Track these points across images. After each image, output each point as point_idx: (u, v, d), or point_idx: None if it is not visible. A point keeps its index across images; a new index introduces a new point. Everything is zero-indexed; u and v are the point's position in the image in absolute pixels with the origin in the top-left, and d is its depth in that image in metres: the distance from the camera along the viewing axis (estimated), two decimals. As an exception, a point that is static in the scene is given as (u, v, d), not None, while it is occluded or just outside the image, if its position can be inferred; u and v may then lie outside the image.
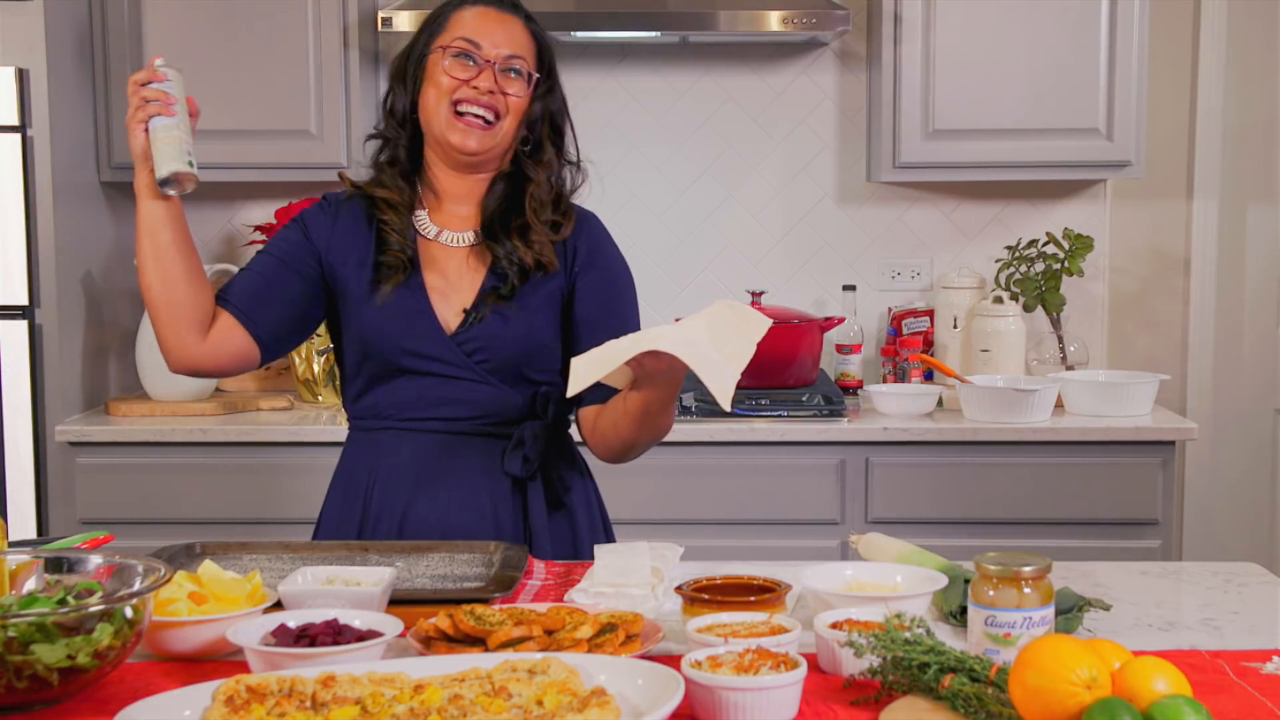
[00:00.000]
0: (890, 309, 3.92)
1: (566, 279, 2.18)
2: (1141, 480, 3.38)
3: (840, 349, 3.83)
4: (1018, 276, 3.74)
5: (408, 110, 2.18)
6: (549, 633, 1.55)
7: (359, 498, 2.17)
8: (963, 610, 1.70)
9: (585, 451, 2.24)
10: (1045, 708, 1.30)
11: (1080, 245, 3.70)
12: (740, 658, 1.41)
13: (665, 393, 1.97)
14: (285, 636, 1.51)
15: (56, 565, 1.61)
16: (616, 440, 2.10)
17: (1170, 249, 3.98)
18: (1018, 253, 3.76)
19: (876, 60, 3.72)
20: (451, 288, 2.15)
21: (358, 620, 1.56)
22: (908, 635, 1.46)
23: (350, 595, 1.65)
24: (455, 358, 2.12)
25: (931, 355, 3.75)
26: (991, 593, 1.50)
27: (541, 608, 1.62)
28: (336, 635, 1.51)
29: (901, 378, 3.76)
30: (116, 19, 3.55)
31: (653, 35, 3.65)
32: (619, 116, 3.94)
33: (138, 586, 1.53)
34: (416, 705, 1.34)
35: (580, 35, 3.64)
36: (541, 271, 2.15)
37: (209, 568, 1.69)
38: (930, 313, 3.84)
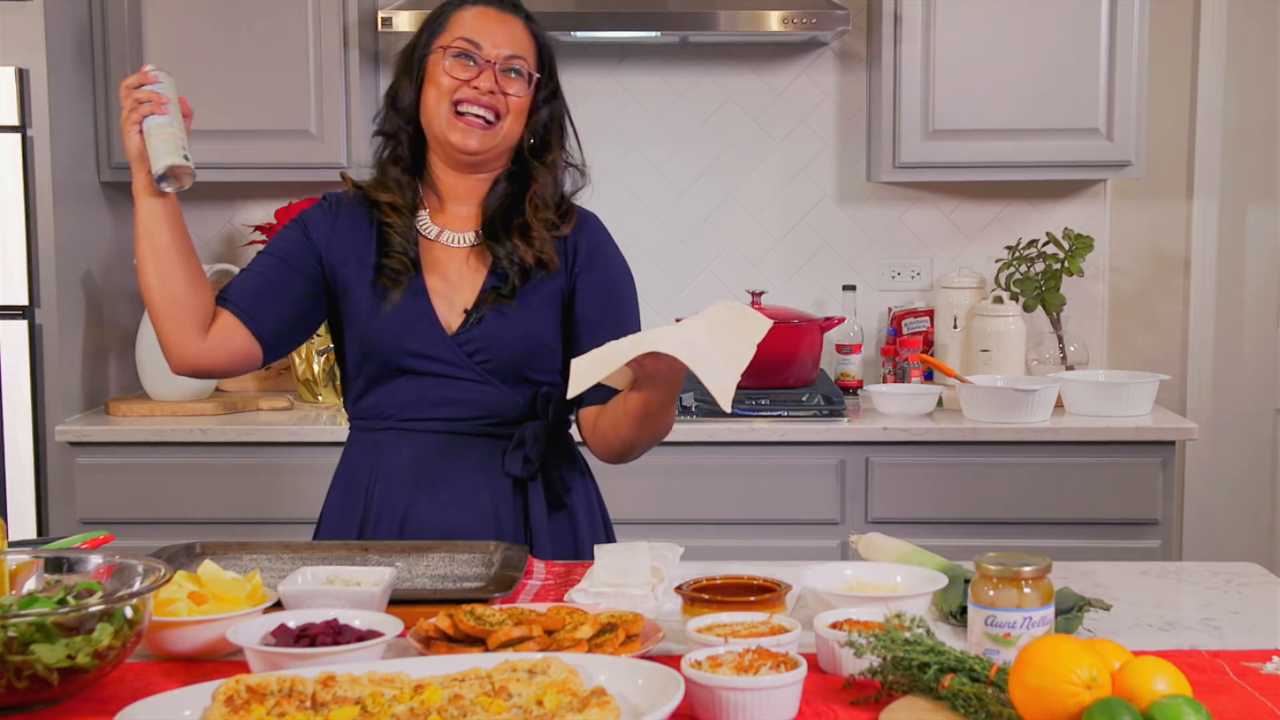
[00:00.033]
0: (890, 309, 3.91)
1: (567, 279, 2.18)
2: (1141, 480, 3.38)
3: (840, 349, 3.83)
4: (1018, 276, 3.74)
5: (410, 107, 2.18)
6: (549, 633, 1.55)
7: (359, 498, 2.17)
8: (963, 610, 1.70)
9: (586, 452, 2.24)
10: (1045, 708, 1.30)
11: (1080, 245, 3.70)
12: (740, 658, 1.41)
13: (665, 394, 1.97)
14: (285, 636, 1.51)
15: (56, 565, 1.61)
16: (617, 441, 2.10)
17: (1170, 249, 3.98)
18: (1018, 253, 3.76)
19: (876, 60, 3.72)
20: (452, 288, 2.15)
21: (358, 620, 1.56)
22: (908, 635, 1.46)
23: (350, 595, 1.65)
24: (456, 358, 2.12)
25: (931, 355, 3.75)
26: (991, 593, 1.50)
27: (541, 608, 1.62)
28: (336, 635, 1.51)
29: (901, 378, 3.76)
30: (116, 19, 3.55)
31: (653, 35, 3.65)
32: (619, 116, 3.94)
33: (138, 586, 1.53)
34: (416, 705, 1.34)
35: (580, 35, 3.64)
36: (542, 271, 2.15)
37: (209, 568, 1.69)
38: (930, 313, 3.84)
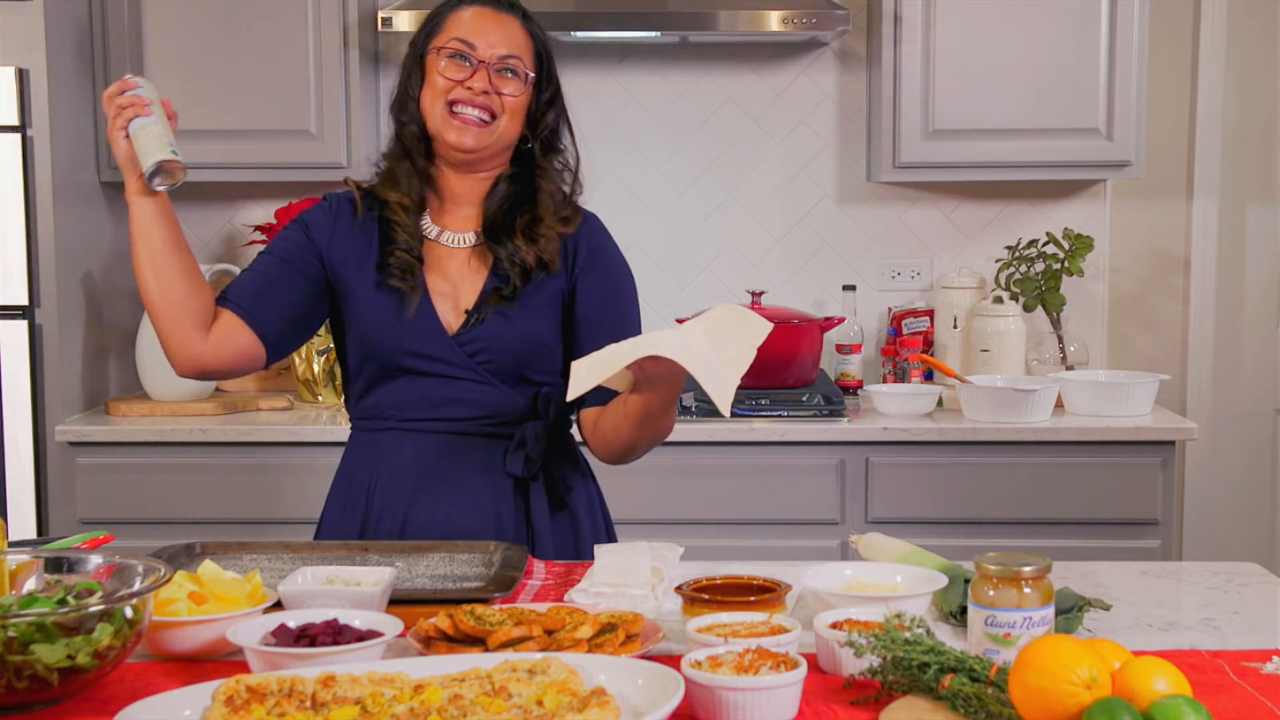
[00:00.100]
0: (890, 309, 3.91)
1: (568, 280, 2.18)
2: (1141, 480, 3.38)
3: (840, 349, 3.83)
4: (1018, 276, 3.74)
5: (414, 107, 2.18)
6: (549, 633, 1.55)
7: (360, 498, 2.17)
8: (963, 610, 1.70)
9: (587, 452, 2.24)
10: (1045, 708, 1.30)
11: (1080, 245, 3.70)
12: (740, 658, 1.41)
13: (665, 396, 1.97)
14: (285, 636, 1.51)
15: (56, 565, 1.61)
16: (617, 442, 2.10)
17: (1170, 249, 3.98)
18: (1018, 253, 3.76)
19: (876, 60, 3.72)
20: (453, 288, 2.15)
21: (358, 620, 1.56)
22: (908, 635, 1.46)
23: (350, 595, 1.65)
24: (457, 358, 2.11)
25: (931, 355, 3.75)
26: (991, 593, 1.50)
27: (541, 608, 1.62)
28: (336, 635, 1.51)
29: (901, 378, 3.76)
30: (116, 19, 3.55)
31: (653, 35, 3.65)
32: (619, 116, 3.93)
33: (138, 586, 1.53)
34: (416, 705, 1.34)
35: (580, 35, 3.64)
36: (543, 272, 2.15)
37: (209, 568, 1.69)
38: (930, 313, 3.84)
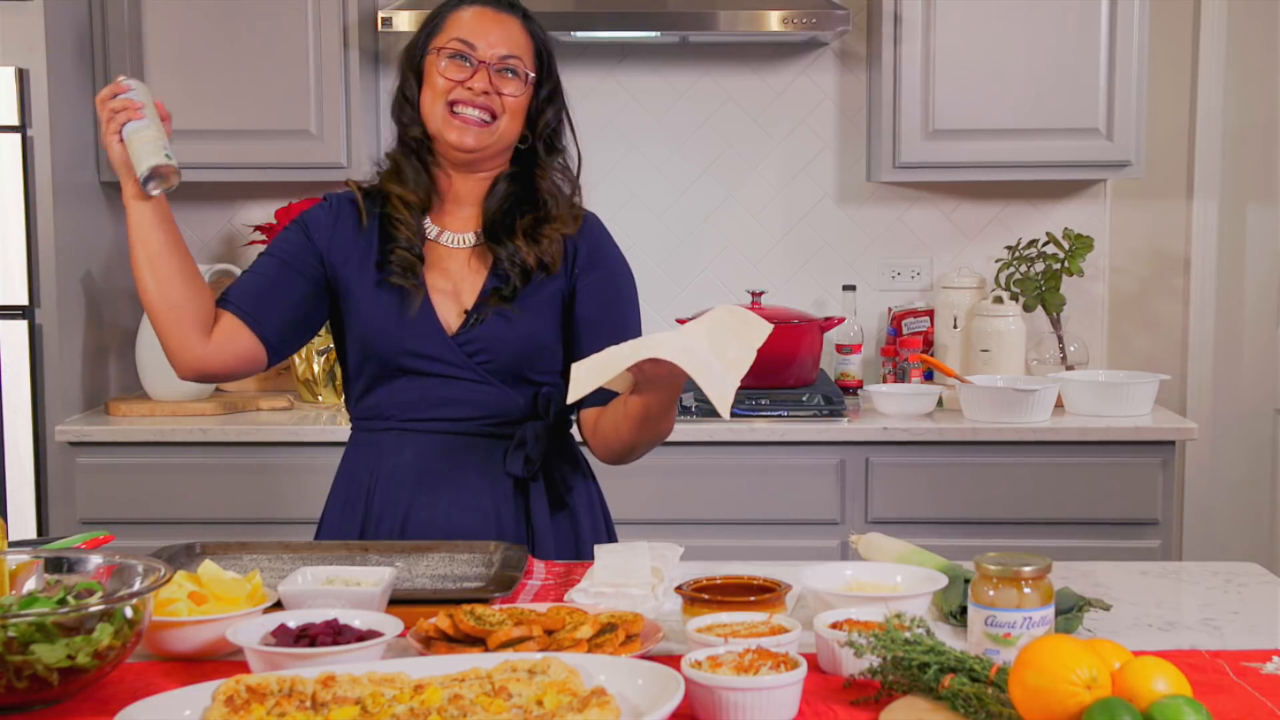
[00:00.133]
0: (890, 309, 3.91)
1: (568, 280, 2.17)
2: (1141, 480, 3.38)
3: (840, 349, 3.83)
4: (1018, 276, 3.74)
5: (415, 106, 2.18)
6: (549, 633, 1.55)
7: (361, 499, 2.16)
8: (963, 610, 1.70)
9: (587, 452, 2.24)
10: (1045, 708, 1.30)
11: (1080, 245, 3.70)
12: (740, 658, 1.41)
13: (665, 397, 1.97)
14: (285, 636, 1.51)
15: (56, 565, 1.61)
16: (617, 443, 2.10)
17: (1170, 249, 3.98)
18: (1018, 253, 3.76)
19: (876, 60, 3.72)
20: (453, 288, 2.15)
21: (358, 620, 1.56)
22: (908, 635, 1.46)
23: (350, 595, 1.65)
24: (457, 358, 2.11)
25: (931, 355, 3.75)
26: (991, 593, 1.50)
27: (541, 608, 1.62)
28: (336, 635, 1.51)
29: (901, 378, 3.76)
30: (116, 19, 3.55)
31: (653, 35, 3.65)
32: (619, 116, 3.93)
33: (138, 586, 1.53)
34: (416, 705, 1.34)
35: (580, 35, 3.64)
36: (543, 273, 2.15)
37: (209, 568, 1.68)
38: (930, 313, 3.84)
